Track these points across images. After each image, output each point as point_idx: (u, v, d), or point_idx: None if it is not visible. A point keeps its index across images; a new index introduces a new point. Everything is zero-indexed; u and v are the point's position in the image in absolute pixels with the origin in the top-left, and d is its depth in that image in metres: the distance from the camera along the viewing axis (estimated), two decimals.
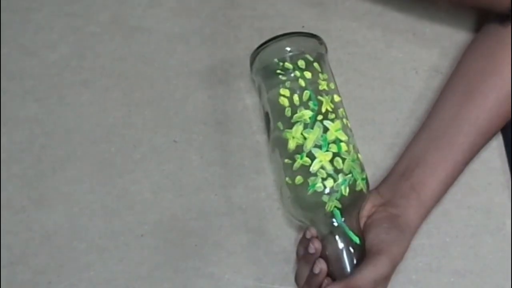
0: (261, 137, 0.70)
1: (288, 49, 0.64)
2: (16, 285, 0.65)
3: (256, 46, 0.66)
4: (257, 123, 0.71)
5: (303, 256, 0.58)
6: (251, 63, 0.66)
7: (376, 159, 0.65)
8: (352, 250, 0.58)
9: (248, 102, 0.72)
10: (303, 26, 0.74)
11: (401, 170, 0.63)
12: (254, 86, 0.70)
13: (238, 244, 0.66)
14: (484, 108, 0.63)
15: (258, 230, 0.67)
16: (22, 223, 0.68)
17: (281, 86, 0.63)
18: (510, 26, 0.64)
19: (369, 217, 0.61)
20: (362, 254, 0.58)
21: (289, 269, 0.65)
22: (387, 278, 0.58)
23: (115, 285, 0.65)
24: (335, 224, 0.59)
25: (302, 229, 0.61)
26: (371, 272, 0.56)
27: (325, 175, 0.59)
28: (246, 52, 0.72)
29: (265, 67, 0.65)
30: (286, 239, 0.66)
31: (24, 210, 0.68)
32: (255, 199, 0.68)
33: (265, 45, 0.65)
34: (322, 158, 0.59)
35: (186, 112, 0.72)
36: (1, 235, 0.67)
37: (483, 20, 0.70)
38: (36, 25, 0.78)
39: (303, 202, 0.60)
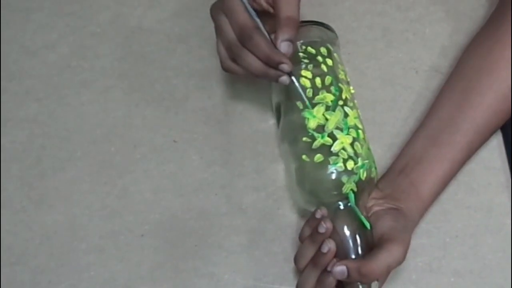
0: (261, 137, 0.70)
1: (310, 36, 0.64)
2: (16, 285, 0.65)
3: None
4: (257, 123, 0.71)
5: (310, 236, 0.58)
6: None
7: (376, 159, 0.65)
8: (358, 235, 0.58)
9: (248, 102, 0.72)
10: None
11: (400, 167, 0.63)
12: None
13: (238, 244, 0.66)
14: (482, 107, 0.63)
15: (258, 230, 0.66)
16: (22, 223, 0.68)
17: (303, 67, 0.63)
18: (509, 26, 0.64)
19: (368, 208, 0.61)
20: (369, 240, 0.58)
21: (289, 269, 0.65)
22: (398, 265, 0.58)
23: (115, 285, 0.65)
24: (342, 207, 0.59)
25: (305, 218, 0.61)
26: (386, 257, 0.56)
27: (346, 156, 0.59)
28: None
29: None
30: (286, 239, 0.66)
31: (24, 210, 0.68)
32: (255, 199, 0.68)
33: None
34: (344, 140, 0.60)
35: (186, 112, 0.72)
36: (1, 235, 0.67)
37: (483, 20, 0.70)
38: (36, 25, 0.78)
39: (319, 181, 0.59)
